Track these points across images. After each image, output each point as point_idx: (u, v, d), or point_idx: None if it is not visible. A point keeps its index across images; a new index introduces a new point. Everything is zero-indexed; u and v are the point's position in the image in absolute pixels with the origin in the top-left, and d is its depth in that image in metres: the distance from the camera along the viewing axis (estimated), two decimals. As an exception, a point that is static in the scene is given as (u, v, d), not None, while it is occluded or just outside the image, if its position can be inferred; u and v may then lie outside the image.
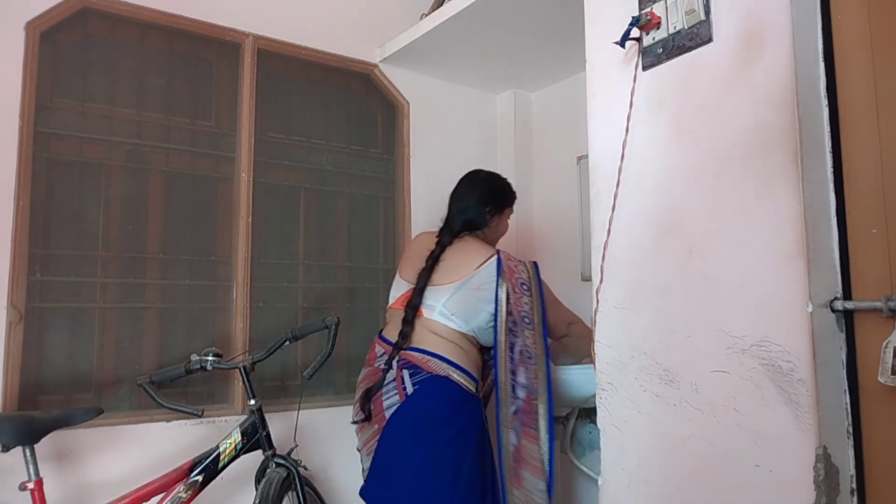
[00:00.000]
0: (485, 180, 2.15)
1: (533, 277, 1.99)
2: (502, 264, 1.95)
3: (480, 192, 2.11)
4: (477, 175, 2.17)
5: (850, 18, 1.26)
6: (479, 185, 2.13)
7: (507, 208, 2.18)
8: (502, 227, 2.20)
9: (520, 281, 1.96)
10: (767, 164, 1.27)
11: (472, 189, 2.12)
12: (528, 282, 1.97)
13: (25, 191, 1.92)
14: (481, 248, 2.02)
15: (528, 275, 1.98)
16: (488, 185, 2.14)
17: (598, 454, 1.57)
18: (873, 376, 1.17)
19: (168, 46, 2.22)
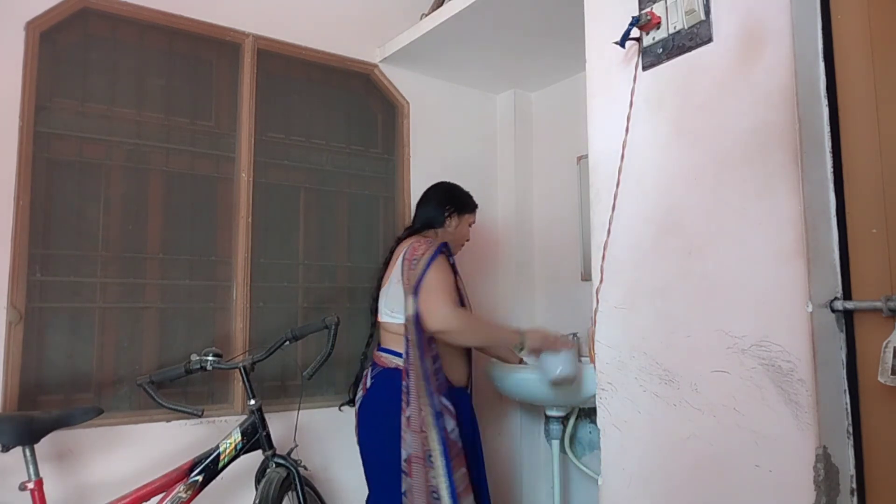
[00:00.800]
0: (447, 186, 2.29)
1: (427, 252, 1.98)
2: (409, 248, 2.03)
3: (440, 194, 2.25)
4: (438, 183, 2.32)
5: (850, 18, 1.26)
6: (440, 190, 2.28)
7: (466, 213, 2.26)
8: (461, 230, 2.26)
9: (412, 258, 1.99)
10: (767, 164, 1.27)
11: (434, 193, 2.27)
12: (419, 257, 1.98)
13: (25, 191, 1.92)
14: (409, 241, 2.08)
15: (422, 251, 1.99)
16: (449, 190, 2.27)
17: (598, 454, 1.57)
18: (873, 376, 1.17)
19: (168, 46, 2.22)
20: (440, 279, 1.95)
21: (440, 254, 2.00)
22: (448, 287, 1.97)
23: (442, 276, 1.96)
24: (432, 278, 1.94)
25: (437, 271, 1.96)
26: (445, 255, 2.04)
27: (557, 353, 2.02)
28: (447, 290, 1.95)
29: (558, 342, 2.04)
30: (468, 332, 1.97)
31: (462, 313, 1.96)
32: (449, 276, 2.00)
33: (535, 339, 2.03)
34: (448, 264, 2.03)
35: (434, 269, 1.95)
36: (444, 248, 2.04)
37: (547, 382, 2.07)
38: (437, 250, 1.99)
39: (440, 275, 1.96)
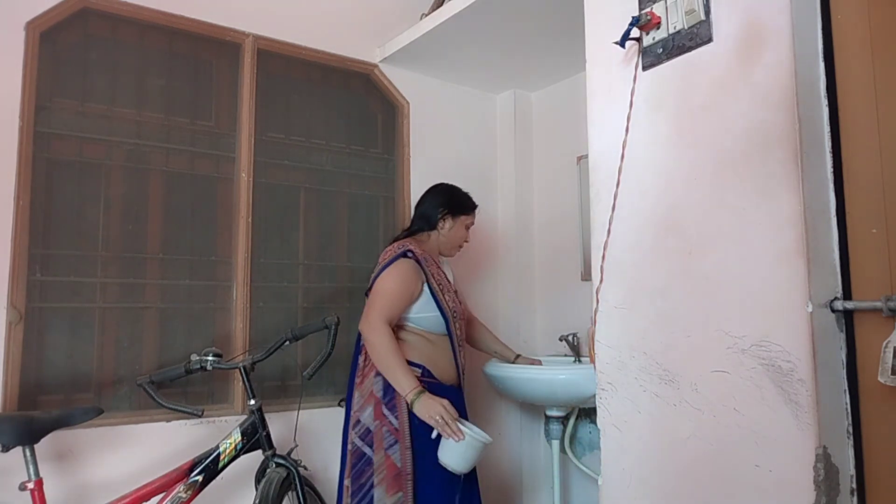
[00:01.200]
0: (443, 188, 2.29)
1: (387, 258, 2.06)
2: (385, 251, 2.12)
3: (436, 195, 2.26)
4: (438, 185, 2.32)
5: (850, 18, 1.26)
6: (436, 191, 2.28)
7: (462, 214, 2.24)
8: (457, 232, 2.24)
9: (381, 260, 2.10)
10: (767, 164, 1.27)
11: (430, 194, 2.28)
12: (382, 263, 2.07)
13: (25, 191, 1.92)
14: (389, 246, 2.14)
15: (388, 255, 2.06)
16: (445, 192, 2.27)
17: (598, 454, 1.57)
18: (873, 376, 1.17)
19: (168, 46, 2.22)
20: (387, 287, 2.00)
21: (400, 259, 2.04)
22: (390, 297, 1.99)
23: (390, 284, 2.00)
24: (379, 285, 2.02)
25: (390, 276, 2.01)
26: (411, 260, 2.05)
27: (450, 438, 1.87)
28: (388, 299, 1.99)
29: (447, 428, 1.86)
30: (374, 352, 1.96)
31: (380, 333, 1.93)
32: (402, 285, 2.01)
33: (426, 408, 1.88)
34: (410, 270, 2.03)
35: (387, 275, 2.01)
36: (408, 255, 2.06)
37: None
38: (397, 256, 2.04)
39: (389, 282, 2.01)
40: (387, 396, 1.96)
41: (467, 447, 1.87)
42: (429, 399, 1.89)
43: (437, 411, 1.87)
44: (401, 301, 2.02)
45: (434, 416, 1.87)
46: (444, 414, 1.87)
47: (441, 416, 1.87)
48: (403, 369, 1.92)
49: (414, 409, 1.90)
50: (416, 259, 2.06)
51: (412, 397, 1.89)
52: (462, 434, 1.86)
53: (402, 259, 2.04)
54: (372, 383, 1.99)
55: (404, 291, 2.02)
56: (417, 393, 1.90)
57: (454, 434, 1.86)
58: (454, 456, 1.88)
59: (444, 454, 1.90)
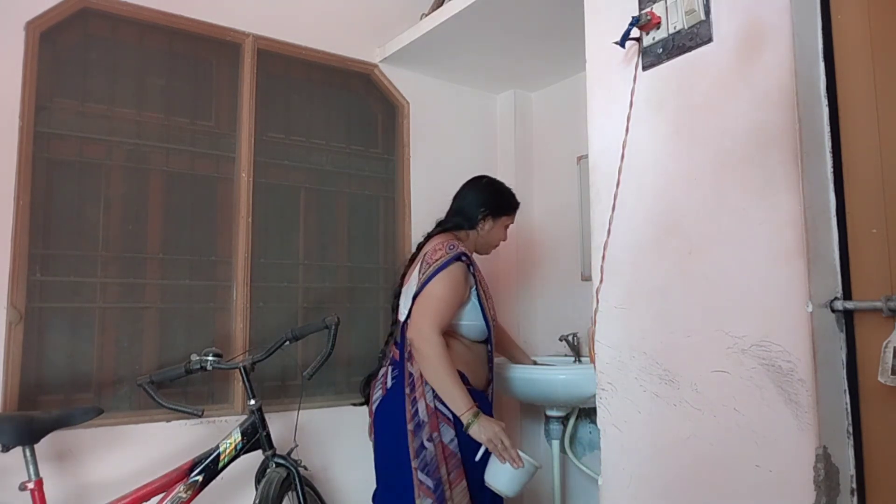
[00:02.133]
0: (486, 184, 2.17)
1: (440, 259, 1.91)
2: (430, 250, 1.96)
3: (478, 192, 2.13)
4: (480, 178, 2.20)
5: (850, 18, 1.26)
6: (478, 187, 2.15)
7: (503, 215, 2.15)
8: (496, 233, 2.14)
9: (427, 261, 1.94)
10: (767, 164, 1.27)
11: (472, 190, 2.15)
12: (432, 262, 1.91)
13: (25, 191, 1.92)
14: (436, 240, 2.01)
15: (438, 256, 1.92)
16: (488, 189, 2.15)
17: (598, 454, 1.57)
18: (873, 376, 1.17)
19: (168, 46, 2.22)
20: (441, 294, 1.88)
21: (454, 262, 1.91)
22: (445, 303, 1.88)
23: (444, 290, 1.88)
24: (433, 289, 1.88)
25: (443, 283, 1.88)
26: (465, 265, 1.94)
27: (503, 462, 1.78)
28: (441, 307, 1.87)
29: (505, 453, 1.78)
30: (428, 364, 1.82)
31: (434, 344, 1.81)
32: (454, 291, 1.90)
33: (481, 432, 1.78)
34: (463, 275, 1.93)
35: (439, 280, 1.88)
36: (462, 258, 1.94)
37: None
38: (452, 259, 1.90)
39: (444, 288, 1.88)
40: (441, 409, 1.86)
41: (523, 473, 1.78)
42: (486, 421, 1.79)
43: (496, 434, 1.78)
44: (452, 309, 1.91)
45: (493, 440, 1.77)
46: (503, 438, 1.78)
47: (501, 440, 1.77)
48: (459, 387, 1.81)
49: (469, 431, 1.79)
50: (468, 263, 1.96)
51: (469, 419, 1.79)
52: (521, 461, 1.77)
53: (457, 263, 1.92)
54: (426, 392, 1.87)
55: (456, 299, 1.91)
56: (474, 414, 1.79)
57: (513, 461, 1.76)
58: (506, 480, 1.78)
59: (494, 477, 1.80)
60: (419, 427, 1.84)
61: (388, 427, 1.93)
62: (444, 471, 1.81)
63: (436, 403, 1.85)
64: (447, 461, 1.82)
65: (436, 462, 1.81)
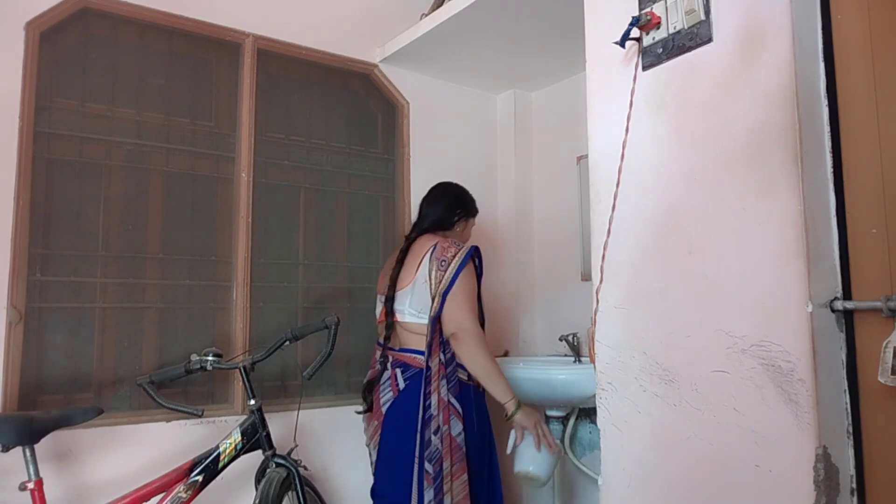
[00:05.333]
0: (456, 189, 2.28)
1: (458, 256, 2.00)
2: (437, 248, 2.03)
3: (452, 197, 2.24)
4: (449, 184, 2.31)
5: (850, 18, 1.26)
6: (451, 192, 2.26)
7: (471, 217, 2.28)
8: (466, 234, 2.28)
9: (442, 259, 2.01)
10: (767, 164, 1.27)
11: (445, 195, 2.25)
12: (450, 260, 1.99)
13: (25, 191, 1.92)
14: (429, 240, 2.08)
15: (452, 253, 2.00)
16: (459, 193, 2.27)
17: (598, 454, 1.57)
18: (873, 376, 1.17)
19: (168, 46, 2.22)
20: (469, 287, 1.99)
21: (470, 258, 2.02)
22: (473, 297, 2.01)
23: (469, 284, 2.00)
24: (461, 284, 1.97)
25: (467, 277, 1.99)
26: (474, 260, 2.06)
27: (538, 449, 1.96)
28: (472, 299, 2.00)
29: (544, 438, 1.97)
30: (475, 357, 1.94)
31: (478, 334, 1.96)
32: (474, 285, 2.03)
33: (526, 418, 1.96)
34: (475, 270, 2.05)
35: (464, 277, 1.98)
36: (473, 253, 2.04)
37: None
38: (468, 255, 2.01)
39: (469, 281, 2.00)
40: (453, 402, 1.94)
41: (555, 456, 2.00)
42: (529, 409, 1.97)
43: (540, 422, 1.96)
44: (476, 300, 2.04)
45: (538, 427, 1.95)
46: (543, 426, 1.97)
47: (542, 428, 1.96)
48: (503, 376, 1.96)
49: (515, 417, 1.94)
50: (477, 256, 2.08)
51: (513, 406, 1.94)
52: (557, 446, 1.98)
53: (472, 260, 2.04)
54: (441, 387, 1.94)
55: (476, 291, 2.04)
56: (518, 403, 1.95)
57: (551, 446, 1.96)
58: (543, 465, 1.96)
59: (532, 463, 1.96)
60: (430, 419, 1.91)
61: (399, 424, 1.98)
62: (448, 463, 1.88)
63: (449, 397, 1.92)
64: (452, 454, 1.89)
65: (440, 454, 1.88)
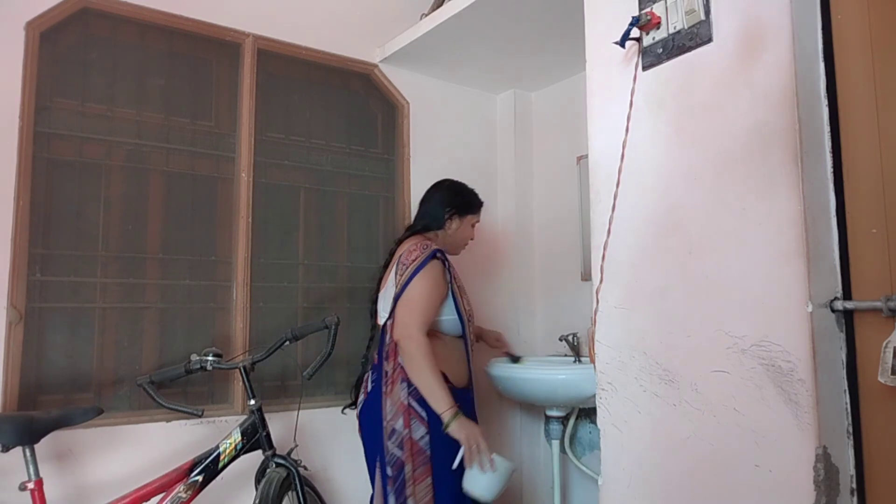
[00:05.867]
0: (449, 185, 2.24)
1: (417, 260, 1.94)
2: (405, 251, 2.00)
3: (442, 194, 2.20)
4: (442, 181, 2.27)
5: (850, 18, 1.26)
6: (441, 189, 2.22)
7: (469, 214, 2.20)
8: (462, 232, 2.20)
9: (404, 262, 1.97)
10: (767, 164, 1.27)
11: (435, 192, 2.22)
12: (409, 263, 1.95)
13: (25, 191, 1.92)
14: (409, 242, 2.05)
15: (414, 256, 1.95)
16: (451, 189, 2.22)
17: (598, 454, 1.57)
18: (873, 376, 1.17)
19: (168, 46, 2.22)
20: (422, 292, 1.92)
21: (431, 260, 1.95)
22: (427, 302, 1.92)
23: (424, 289, 1.92)
24: (414, 289, 1.91)
25: (422, 281, 1.92)
26: (440, 262, 1.99)
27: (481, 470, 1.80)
28: (425, 305, 1.91)
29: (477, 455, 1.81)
30: (414, 364, 1.86)
31: (420, 344, 1.86)
32: (435, 289, 1.95)
33: (461, 431, 1.82)
34: (440, 272, 1.98)
35: (419, 280, 1.92)
36: (437, 255, 1.98)
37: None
38: (428, 257, 1.95)
39: (425, 287, 1.92)
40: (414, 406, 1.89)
41: (499, 477, 1.81)
42: (466, 422, 1.84)
43: (474, 435, 1.82)
44: (434, 307, 1.95)
45: (469, 440, 1.81)
46: (480, 441, 1.82)
47: (477, 442, 1.82)
48: (442, 386, 1.85)
49: (449, 429, 1.82)
50: (443, 260, 2.01)
51: (449, 417, 1.82)
52: (492, 464, 1.80)
53: (434, 261, 1.96)
54: (399, 390, 1.90)
55: (437, 296, 1.96)
56: (455, 414, 1.83)
57: (485, 464, 1.80)
58: (483, 485, 1.80)
59: (471, 483, 1.82)
60: (391, 422, 1.89)
61: (367, 426, 2.00)
62: (410, 467, 1.85)
63: (409, 400, 1.89)
64: (414, 458, 1.86)
65: (397, 459, 1.86)
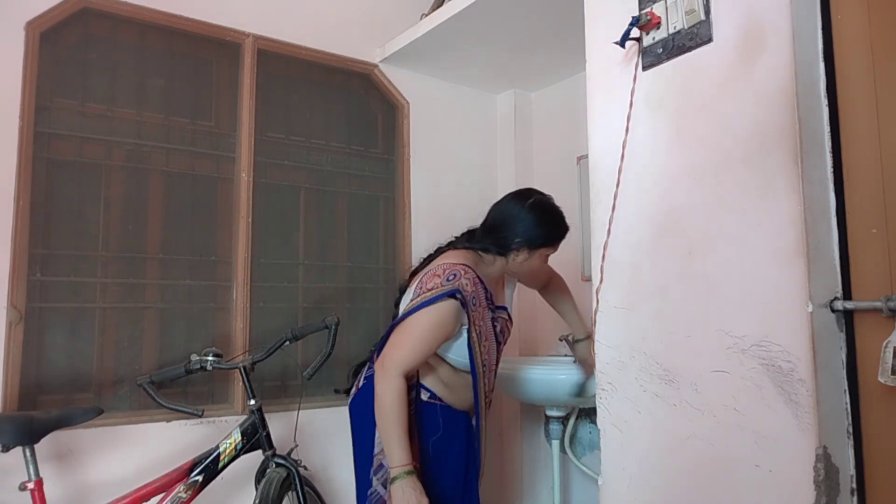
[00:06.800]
0: (534, 205, 1.80)
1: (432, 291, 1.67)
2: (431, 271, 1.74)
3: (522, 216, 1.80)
4: (528, 195, 1.84)
5: (850, 18, 1.26)
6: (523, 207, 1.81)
7: (543, 247, 1.81)
8: (530, 264, 1.83)
9: (421, 286, 1.71)
10: (767, 164, 1.27)
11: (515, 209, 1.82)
12: (424, 291, 1.69)
13: (25, 191, 1.92)
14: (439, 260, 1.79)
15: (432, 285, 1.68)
16: (535, 213, 1.79)
17: (598, 454, 1.57)
18: (873, 376, 1.17)
19: (168, 46, 2.22)
20: (420, 333, 1.67)
21: (445, 300, 1.65)
22: (422, 344, 1.67)
23: (424, 330, 1.66)
24: (413, 325, 1.67)
25: (425, 320, 1.66)
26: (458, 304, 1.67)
27: None
28: (416, 346, 1.66)
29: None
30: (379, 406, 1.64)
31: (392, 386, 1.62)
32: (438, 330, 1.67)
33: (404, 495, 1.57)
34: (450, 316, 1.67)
35: (422, 317, 1.66)
36: (456, 296, 1.66)
37: None
38: (442, 295, 1.65)
39: (424, 327, 1.66)
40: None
41: None
42: (410, 488, 1.58)
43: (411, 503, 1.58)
44: (430, 349, 1.69)
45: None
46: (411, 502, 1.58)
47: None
48: (402, 439, 1.61)
49: (391, 487, 1.60)
50: (462, 301, 1.68)
51: (396, 473, 1.59)
52: None
53: (449, 301, 1.65)
54: None
55: (437, 339, 1.69)
56: (405, 473, 1.59)
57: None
58: None
59: None
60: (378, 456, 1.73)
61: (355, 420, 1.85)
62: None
63: None
64: None
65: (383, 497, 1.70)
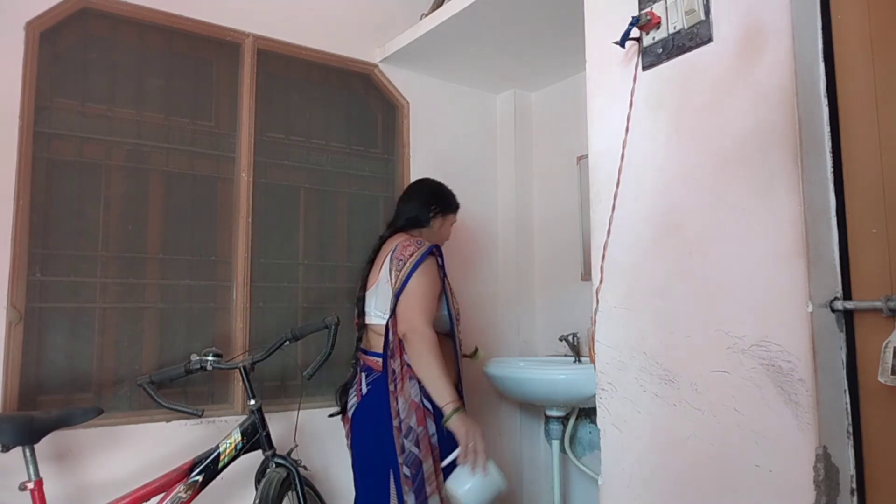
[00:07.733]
0: (431, 184, 2.23)
1: (414, 255, 1.92)
2: (398, 247, 1.97)
3: (427, 193, 2.19)
4: (423, 181, 2.27)
5: (850, 18, 1.26)
6: (426, 188, 2.22)
7: (450, 213, 2.21)
8: (444, 231, 2.21)
9: (400, 258, 1.93)
10: (767, 164, 1.27)
11: (419, 191, 2.21)
12: (406, 259, 1.92)
13: (25, 191, 1.92)
14: (397, 239, 2.02)
15: (410, 252, 1.93)
16: (434, 188, 2.21)
17: (598, 454, 1.58)
18: (873, 376, 1.17)
19: (168, 46, 2.22)
20: (423, 287, 1.90)
21: (429, 256, 1.93)
22: (429, 296, 1.90)
23: (425, 284, 1.90)
24: (415, 284, 1.89)
25: (423, 277, 1.90)
26: (435, 258, 1.97)
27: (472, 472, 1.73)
28: (427, 299, 1.89)
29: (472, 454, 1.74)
30: (420, 357, 1.82)
31: (428, 338, 1.83)
32: (434, 284, 1.93)
33: (461, 426, 1.76)
34: (436, 268, 1.97)
35: (419, 275, 1.90)
36: (433, 250, 1.97)
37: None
38: (426, 252, 1.93)
39: (425, 281, 1.90)
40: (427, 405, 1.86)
41: (487, 485, 1.71)
42: (469, 418, 1.79)
43: (474, 431, 1.76)
44: (435, 301, 1.93)
45: (469, 435, 1.75)
46: (478, 439, 1.76)
47: (476, 439, 1.76)
48: (447, 379, 1.81)
49: (450, 423, 1.77)
50: (440, 254, 2.00)
51: (451, 410, 1.78)
52: (486, 469, 1.72)
53: (431, 257, 1.94)
54: (410, 388, 1.86)
55: (436, 291, 1.94)
56: (457, 408, 1.78)
57: (480, 465, 1.74)
58: (468, 489, 1.71)
59: (457, 484, 1.72)
60: (406, 420, 1.85)
61: (367, 430, 1.93)
62: (429, 464, 1.81)
63: (421, 398, 1.85)
64: (433, 452, 1.83)
65: (415, 457, 1.81)
